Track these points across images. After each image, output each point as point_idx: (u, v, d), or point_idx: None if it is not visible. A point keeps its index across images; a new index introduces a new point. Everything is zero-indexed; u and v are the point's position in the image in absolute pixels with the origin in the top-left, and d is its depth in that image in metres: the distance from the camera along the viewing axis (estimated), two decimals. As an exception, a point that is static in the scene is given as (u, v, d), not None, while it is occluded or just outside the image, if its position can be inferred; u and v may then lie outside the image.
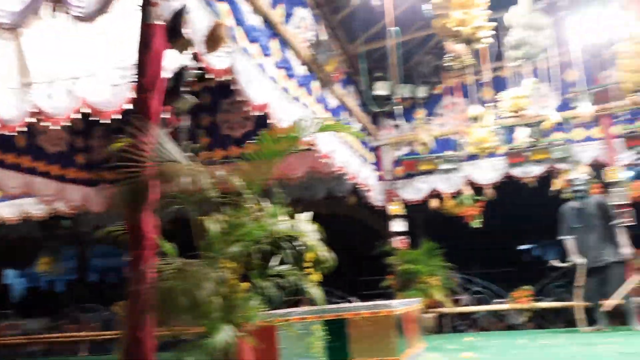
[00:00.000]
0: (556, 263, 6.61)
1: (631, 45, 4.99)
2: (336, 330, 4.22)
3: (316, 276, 3.12)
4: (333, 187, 8.23)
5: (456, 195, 7.56)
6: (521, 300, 7.16)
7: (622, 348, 4.69)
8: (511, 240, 15.08)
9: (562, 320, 7.01)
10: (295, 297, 3.70)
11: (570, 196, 6.47)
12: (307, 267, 3.09)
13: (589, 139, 7.07)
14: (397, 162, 8.01)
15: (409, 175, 7.90)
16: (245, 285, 2.87)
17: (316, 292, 3.06)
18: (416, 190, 7.83)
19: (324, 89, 5.77)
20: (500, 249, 13.46)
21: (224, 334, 2.59)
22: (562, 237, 6.29)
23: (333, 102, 6.15)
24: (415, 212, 8.26)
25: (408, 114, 7.95)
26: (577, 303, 6.15)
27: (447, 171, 7.60)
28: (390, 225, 7.78)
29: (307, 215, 3.15)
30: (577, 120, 6.90)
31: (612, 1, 5.44)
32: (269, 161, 3.10)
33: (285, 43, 4.77)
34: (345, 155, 6.28)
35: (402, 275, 7.24)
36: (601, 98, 6.65)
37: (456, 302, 7.64)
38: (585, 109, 6.35)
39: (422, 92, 7.71)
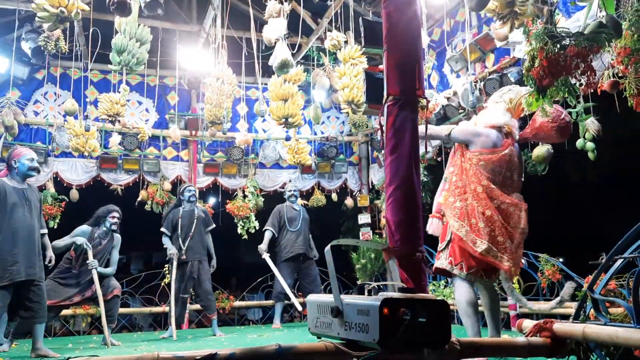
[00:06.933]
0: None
1: (214, 81, 5.80)
2: None
3: None
4: None
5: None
6: (86, 306, 7.04)
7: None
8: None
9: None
10: None
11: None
12: None
13: (177, 158, 7.76)
14: (-28, 143, 6.86)
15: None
16: None
17: None
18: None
19: None
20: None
21: None
22: None
23: None
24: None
25: (-2, 91, 7.02)
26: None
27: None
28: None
29: None
30: (169, 140, 7.52)
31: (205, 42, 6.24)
32: None
33: None
34: None
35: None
36: (192, 125, 7.43)
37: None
38: (176, 131, 6.97)
39: (20, 71, 6.91)
